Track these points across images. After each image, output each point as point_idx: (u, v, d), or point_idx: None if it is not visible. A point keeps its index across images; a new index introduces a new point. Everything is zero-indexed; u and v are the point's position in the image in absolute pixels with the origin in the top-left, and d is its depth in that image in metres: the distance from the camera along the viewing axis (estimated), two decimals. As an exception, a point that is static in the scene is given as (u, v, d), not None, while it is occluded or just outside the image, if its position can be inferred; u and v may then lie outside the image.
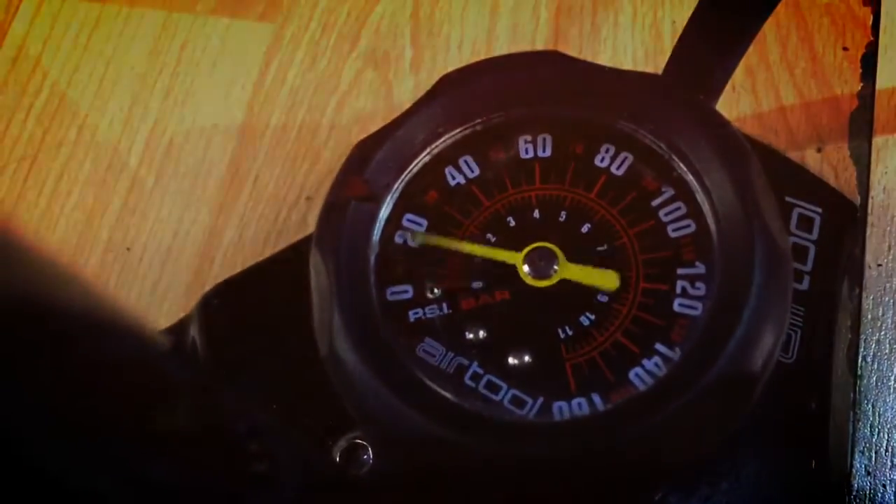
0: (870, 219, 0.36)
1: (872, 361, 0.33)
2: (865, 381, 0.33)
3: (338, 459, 0.30)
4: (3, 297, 0.14)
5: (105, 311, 0.17)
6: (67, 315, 0.16)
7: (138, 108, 0.43)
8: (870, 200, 0.36)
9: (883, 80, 0.38)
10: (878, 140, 0.37)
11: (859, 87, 0.39)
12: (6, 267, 0.15)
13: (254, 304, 0.33)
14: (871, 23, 0.40)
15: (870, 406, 0.33)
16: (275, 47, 0.43)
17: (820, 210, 0.33)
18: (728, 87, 0.40)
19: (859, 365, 0.33)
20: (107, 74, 0.44)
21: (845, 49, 0.40)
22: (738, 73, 0.40)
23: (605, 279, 0.28)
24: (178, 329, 0.33)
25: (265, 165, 0.41)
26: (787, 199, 0.33)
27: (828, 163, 0.37)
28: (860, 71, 0.39)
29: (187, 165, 0.41)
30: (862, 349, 0.33)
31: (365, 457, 0.30)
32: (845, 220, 0.34)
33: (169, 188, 0.41)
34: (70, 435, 0.15)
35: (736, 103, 0.39)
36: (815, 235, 0.33)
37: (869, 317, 0.34)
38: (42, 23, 0.45)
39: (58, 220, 0.41)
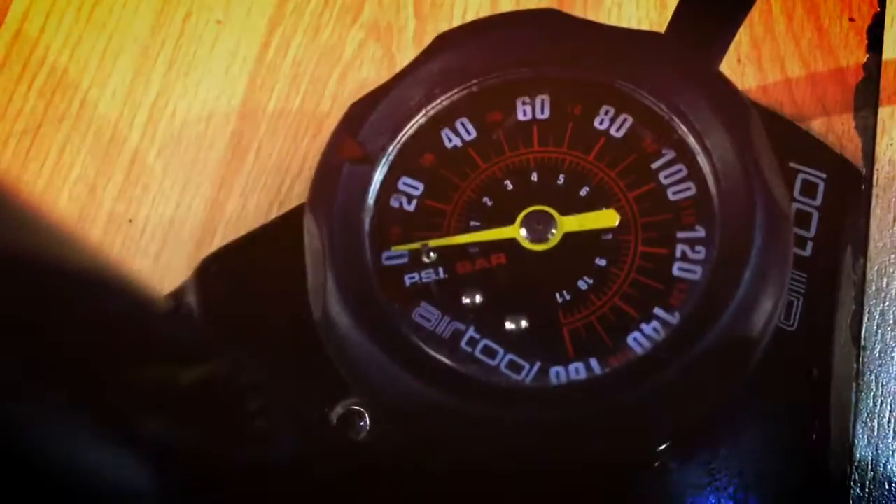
0: (875, 190, 0.35)
1: (876, 332, 0.33)
2: (869, 351, 0.33)
3: (334, 425, 0.30)
4: (12, 255, 0.14)
5: (109, 271, 0.17)
6: (73, 274, 0.16)
7: (140, 80, 0.43)
8: (875, 171, 0.36)
9: (889, 51, 0.38)
10: (883, 111, 0.37)
11: (865, 59, 0.38)
12: (14, 226, 0.15)
13: (252, 269, 0.33)
14: (877, -7, 0.39)
15: (873, 377, 0.32)
16: (277, 18, 0.43)
17: (824, 176, 0.33)
18: (733, 59, 0.39)
19: (863, 335, 0.33)
20: (109, 47, 0.44)
21: (851, 20, 0.39)
22: (744, 45, 0.40)
23: (604, 218, 0.28)
24: (177, 295, 0.33)
25: (267, 137, 0.41)
26: (791, 164, 0.33)
27: (833, 134, 0.37)
28: (866, 42, 0.39)
29: (189, 137, 0.41)
30: (866, 319, 0.33)
31: (362, 423, 0.30)
32: (850, 186, 0.34)
33: (171, 160, 0.41)
34: (72, 390, 0.14)
35: (741, 75, 0.39)
36: (818, 201, 0.33)
37: (874, 287, 0.34)
38: (44, -5, 0.45)
39: (60, 193, 0.41)
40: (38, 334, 0.14)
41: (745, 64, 0.39)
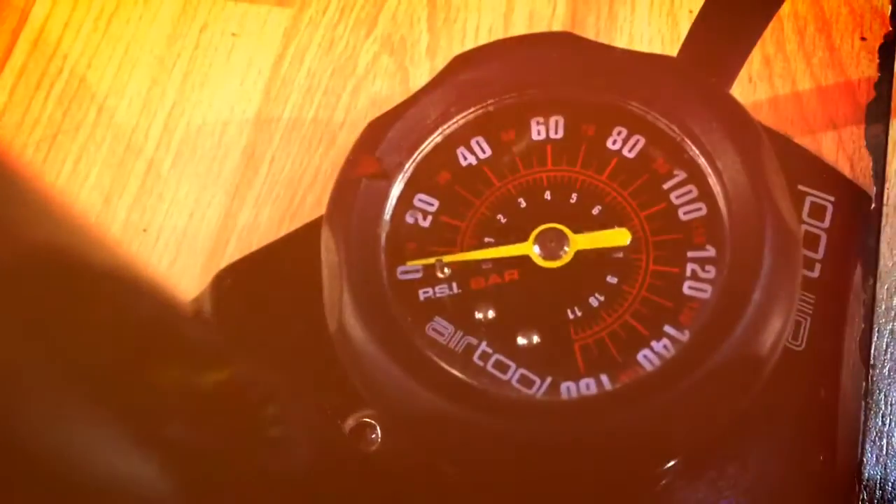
0: (885, 209, 0.35)
1: (885, 350, 0.33)
2: (878, 370, 0.33)
3: (347, 437, 0.30)
4: (34, 252, 0.14)
5: (129, 270, 0.17)
6: (94, 272, 0.16)
7: (156, 90, 0.43)
8: (886, 190, 0.36)
9: (901, 70, 0.38)
10: (894, 129, 0.37)
11: (877, 77, 0.39)
12: (37, 222, 0.15)
13: (266, 283, 0.33)
14: (889, 12, 0.40)
15: (882, 396, 0.33)
16: (292, 31, 0.44)
17: (832, 199, 0.33)
18: (745, 78, 0.40)
19: (872, 354, 0.33)
20: (126, 57, 0.44)
21: (863, 39, 0.40)
22: (756, 63, 0.40)
23: (617, 237, 0.28)
24: (192, 307, 0.33)
25: (281, 148, 0.41)
26: (800, 187, 0.33)
27: (844, 152, 0.37)
28: (878, 61, 0.39)
29: (204, 148, 0.42)
30: (875, 338, 0.33)
31: (373, 435, 0.30)
32: (857, 209, 0.34)
33: (185, 170, 0.41)
34: (90, 390, 0.15)
35: (753, 93, 0.39)
36: (826, 224, 0.33)
37: (883, 307, 0.34)
38: (62, 5, 0.45)
39: (76, 201, 0.41)
40: (62, 333, 0.14)
41: (756, 82, 0.40)
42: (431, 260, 0.29)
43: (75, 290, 0.15)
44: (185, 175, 0.41)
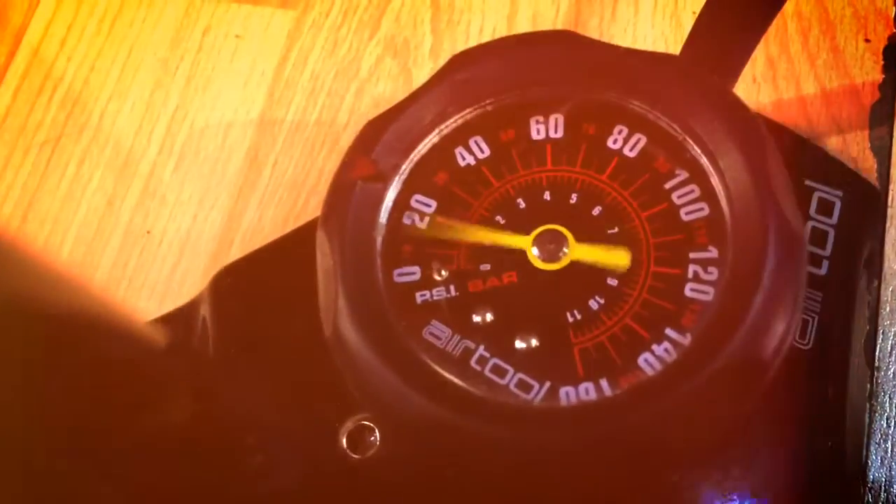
0: (889, 211, 0.35)
1: (890, 353, 0.33)
2: (883, 372, 0.32)
3: (344, 441, 0.30)
4: (15, 302, 0.14)
5: (111, 313, 0.17)
6: (75, 318, 0.16)
7: (159, 93, 0.43)
8: (890, 192, 0.35)
9: (906, 72, 0.38)
10: (899, 131, 0.37)
11: (881, 79, 0.38)
12: (16, 275, 0.15)
13: (265, 283, 0.33)
14: (893, 14, 0.39)
15: (887, 398, 0.32)
16: (296, 33, 0.44)
17: (840, 194, 0.33)
18: (749, 79, 0.39)
19: (877, 356, 0.33)
20: (128, 60, 0.44)
21: (867, 41, 0.39)
22: (759, 65, 0.40)
23: (616, 258, 0.28)
24: (190, 308, 0.33)
25: (284, 151, 0.41)
26: (807, 182, 0.33)
27: (848, 154, 0.37)
28: (882, 62, 0.39)
29: (207, 150, 0.42)
30: (880, 340, 0.33)
31: (371, 439, 0.30)
32: (866, 204, 0.34)
33: (189, 173, 0.41)
34: (74, 435, 0.15)
35: (756, 94, 0.39)
36: (834, 220, 0.32)
37: (888, 308, 0.33)
38: (66, 8, 0.45)
39: (79, 204, 0.41)
40: (41, 379, 0.14)
41: (760, 83, 0.39)
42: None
43: (51, 335, 0.15)
44: (189, 177, 0.41)
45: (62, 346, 0.15)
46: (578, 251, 0.28)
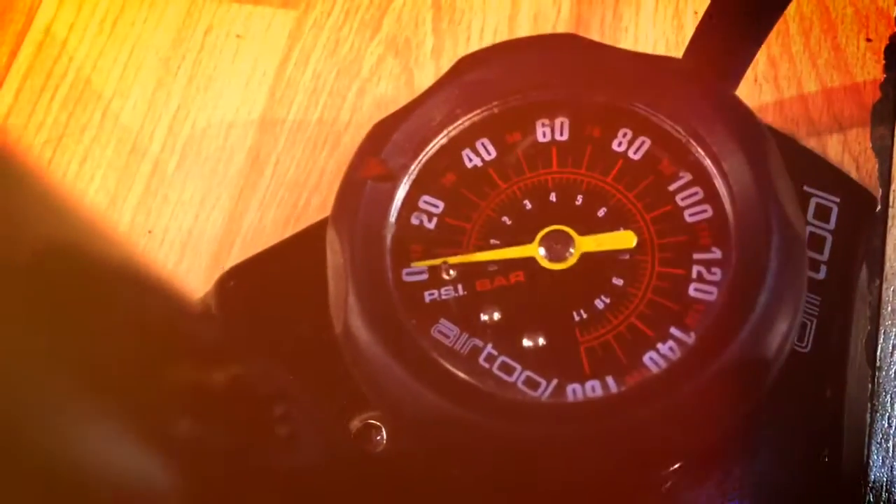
0: (891, 210, 0.35)
1: (892, 352, 0.33)
2: (884, 372, 0.33)
3: (352, 438, 0.30)
4: (43, 248, 0.14)
5: (138, 268, 0.17)
6: (104, 269, 0.16)
7: (161, 92, 0.43)
8: (891, 191, 0.36)
9: (906, 72, 0.38)
10: (900, 131, 0.37)
11: (882, 79, 0.39)
12: (46, 219, 0.15)
13: (271, 284, 0.33)
14: (894, 14, 0.40)
15: (888, 397, 0.32)
16: (297, 33, 0.44)
17: (837, 200, 0.33)
18: (750, 79, 0.40)
19: (878, 356, 0.33)
20: (131, 59, 0.44)
21: (868, 40, 0.40)
22: (761, 64, 0.40)
23: (623, 239, 0.28)
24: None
25: (286, 150, 0.41)
26: (805, 188, 0.33)
27: (849, 154, 0.37)
28: (883, 62, 0.39)
29: (209, 150, 0.42)
30: (881, 340, 0.33)
31: (379, 437, 0.30)
32: (863, 210, 0.34)
33: (190, 172, 0.41)
34: (98, 388, 0.15)
35: (758, 94, 0.39)
36: (832, 225, 0.33)
37: (889, 308, 0.34)
38: (68, 7, 0.45)
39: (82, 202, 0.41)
40: (72, 331, 0.14)
41: (762, 83, 0.39)
42: (437, 262, 0.29)
43: (85, 287, 0.15)
44: (190, 177, 0.41)
45: (92, 294, 0.15)
46: (585, 244, 0.28)
